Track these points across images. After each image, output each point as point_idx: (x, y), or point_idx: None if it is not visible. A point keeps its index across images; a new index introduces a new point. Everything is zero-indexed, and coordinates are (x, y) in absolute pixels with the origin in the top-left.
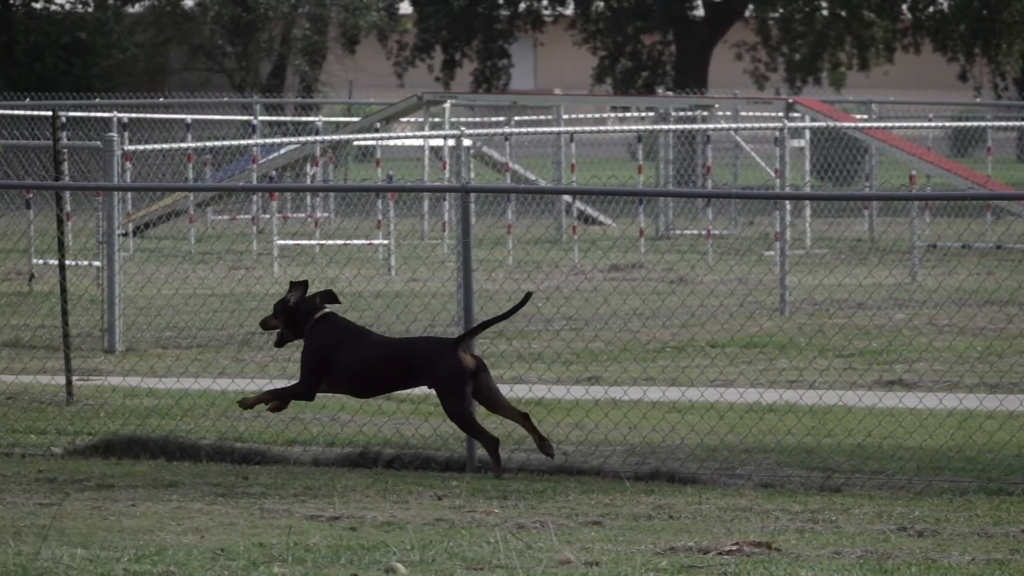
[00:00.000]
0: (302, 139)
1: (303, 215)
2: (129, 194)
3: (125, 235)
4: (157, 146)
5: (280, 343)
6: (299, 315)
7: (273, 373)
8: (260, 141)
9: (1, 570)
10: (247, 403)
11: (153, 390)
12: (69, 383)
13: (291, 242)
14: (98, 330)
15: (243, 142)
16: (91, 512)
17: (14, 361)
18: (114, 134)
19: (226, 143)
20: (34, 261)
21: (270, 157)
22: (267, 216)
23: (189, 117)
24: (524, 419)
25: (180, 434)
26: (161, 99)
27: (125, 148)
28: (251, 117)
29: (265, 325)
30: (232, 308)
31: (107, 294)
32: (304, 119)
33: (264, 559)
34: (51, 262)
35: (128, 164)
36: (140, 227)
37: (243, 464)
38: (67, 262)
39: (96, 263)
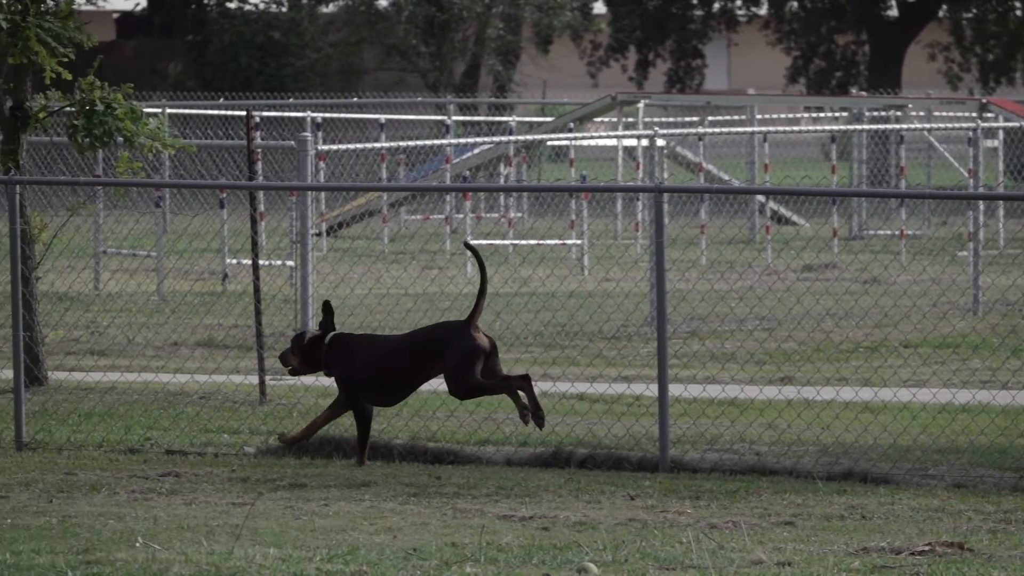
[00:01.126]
0: (496, 139)
1: (496, 215)
2: (323, 194)
3: (318, 235)
4: (351, 146)
5: (295, 374)
6: (312, 349)
7: None
8: (454, 141)
9: (194, 569)
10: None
11: None
12: (262, 383)
13: (484, 242)
14: (291, 330)
15: (437, 142)
16: (284, 511)
17: (208, 361)
18: (308, 134)
19: (419, 143)
20: (228, 261)
21: (464, 157)
22: (460, 216)
23: (383, 117)
24: (524, 380)
25: (373, 434)
26: (355, 99)
27: (319, 148)
28: (445, 117)
29: (284, 361)
30: (425, 308)
31: (300, 294)
32: (498, 119)
33: (456, 559)
34: (244, 262)
35: (322, 164)
36: (333, 227)
37: (436, 464)
38: (260, 262)
39: (289, 263)
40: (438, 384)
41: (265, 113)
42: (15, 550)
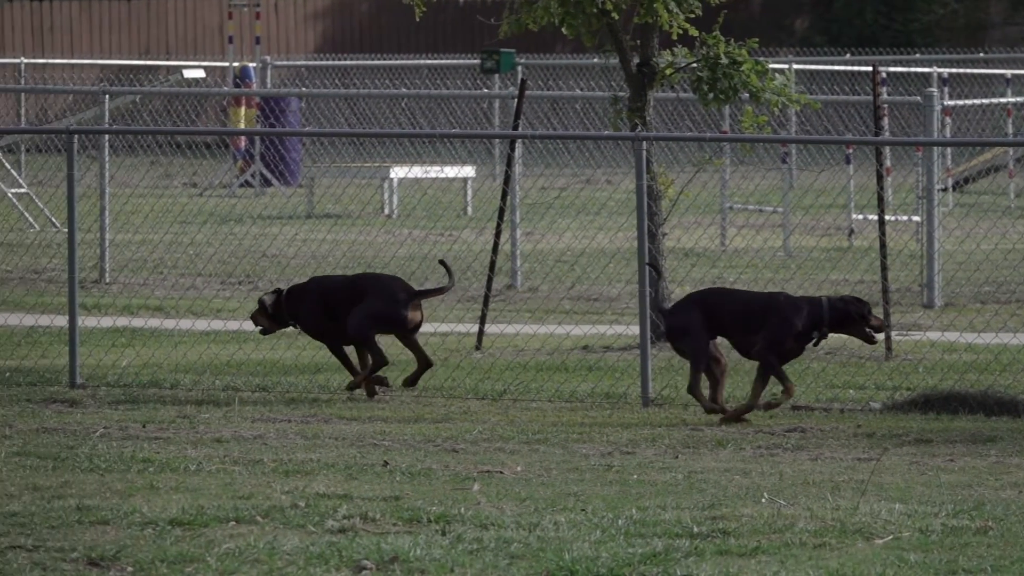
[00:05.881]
0: None
1: None
2: (948, 149)
3: (944, 190)
4: (976, 101)
5: (265, 332)
6: (277, 310)
7: None
8: None
9: (819, 525)
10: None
11: (971, 345)
12: (888, 338)
13: None
14: (916, 285)
15: None
16: (908, 467)
17: None
18: (934, 89)
19: None
20: (853, 216)
21: None
22: None
23: (1009, 72)
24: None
25: (999, 389)
26: (980, 54)
27: (944, 103)
28: None
29: (255, 320)
30: None
31: (926, 249)
32: None
33: None
34: (870, 217)
35: (947, 119)
36: (959, 182)
37: None
38: (886, 217)
39: (915, 218)
40: None
41: (891, 68)
42: (641, 505)
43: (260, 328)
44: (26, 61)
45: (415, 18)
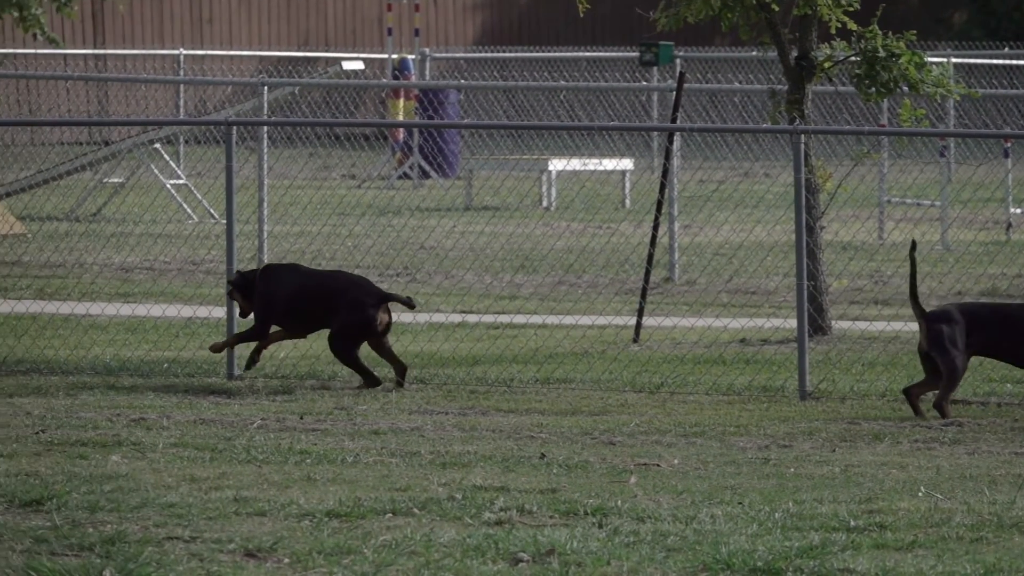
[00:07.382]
0: None
1: None
2: None
3: None
4: None
5: (243, 315)
6: (248, 285)
7: None
8: None
9: (976, 519)
10: (216, 348)
11: None
12: None
13: None
14: None
15: None
16: None
17: None
18: None
19: None
20: (1012, 210)
21: None
22: None
23: None
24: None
25: None
26: None
27: None
28: None
29: (231, 295)
30: None
31: None
32: None
33: None
34: None
35: None
36: None
37: None
38: None
39: None
40: None
41: None
42: (798, 499)
43: (239, 310)
44: (185, 52)
45: (574, 11)
